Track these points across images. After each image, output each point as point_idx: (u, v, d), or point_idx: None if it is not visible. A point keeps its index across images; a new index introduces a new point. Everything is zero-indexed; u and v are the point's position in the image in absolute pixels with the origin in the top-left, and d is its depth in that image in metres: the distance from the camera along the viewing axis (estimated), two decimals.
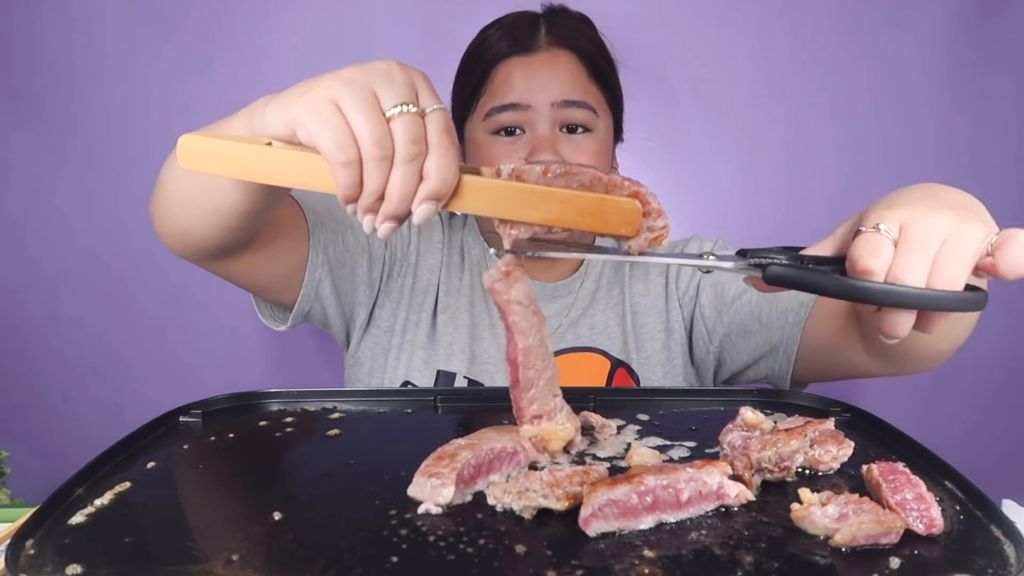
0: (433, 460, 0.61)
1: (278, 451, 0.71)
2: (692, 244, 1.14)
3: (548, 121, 1.03)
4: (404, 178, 0.55)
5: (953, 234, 0.56)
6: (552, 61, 1.06)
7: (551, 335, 1.09)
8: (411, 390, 0.83)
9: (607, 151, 1.09)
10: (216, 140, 0.59)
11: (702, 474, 0.57)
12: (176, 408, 0.77)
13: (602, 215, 0.57)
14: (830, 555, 0.51)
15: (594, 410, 0.77)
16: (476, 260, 1.15)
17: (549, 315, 1.11)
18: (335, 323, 1.09)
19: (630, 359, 1.09)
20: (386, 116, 0.55)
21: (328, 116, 0.55)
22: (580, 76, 1.06)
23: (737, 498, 0.58)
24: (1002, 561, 0.50)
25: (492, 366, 1.08)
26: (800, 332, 1.00)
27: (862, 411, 0.78)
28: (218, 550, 0.51)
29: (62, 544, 0.52)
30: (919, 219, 0.57)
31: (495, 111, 1.04)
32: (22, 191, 1.55)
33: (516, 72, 1.05)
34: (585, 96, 1.05)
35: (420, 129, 0.56)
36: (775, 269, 0.59)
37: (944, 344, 0.84)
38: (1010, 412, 1.61)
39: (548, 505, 0.56)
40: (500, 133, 1.05)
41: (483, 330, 1.10)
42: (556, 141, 1.03)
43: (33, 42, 1.51)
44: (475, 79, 1.08)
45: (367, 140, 0.54)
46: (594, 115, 1.06)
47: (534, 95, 1.03)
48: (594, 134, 1.06)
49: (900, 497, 0.55)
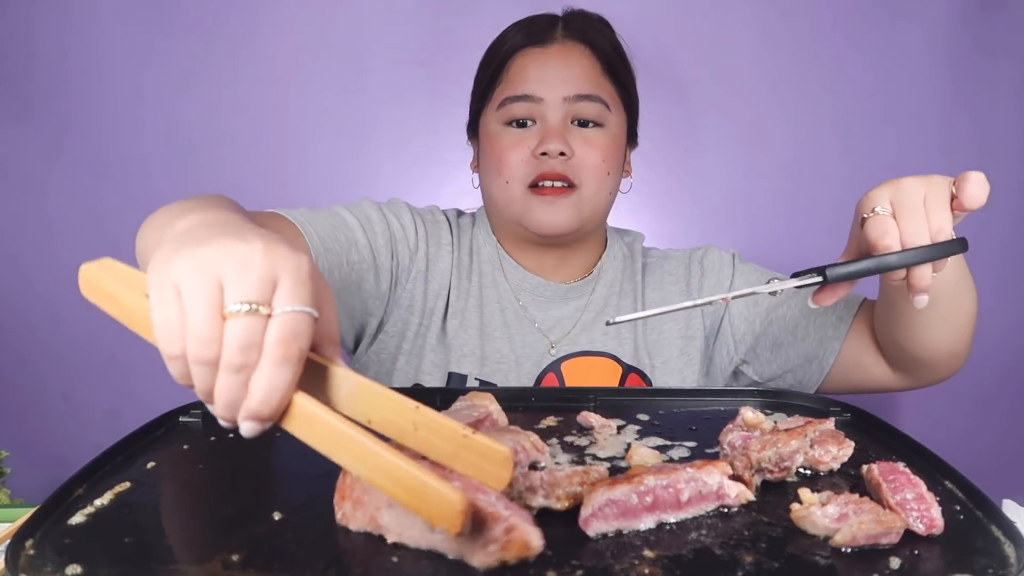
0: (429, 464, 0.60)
1: (278, 451, 0.71)
2: (711, 255, 1.14)
3: (559, 114, 1.04)
4: (226, 387, 0.48)
5: (927, 189, 0.72)
6: (566, 54, 1.06)
7: (564, 337, 1.09)
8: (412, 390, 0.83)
9: (619, 149, 1.08)
10: (107, 278, 0.53)
11: (702, 474, 0.57)
12: (176, 408, 0.77)
13: (423, 499, 0.45)
14: (830, 555, 0.51)
15: (594, 410, 0.77)
16: (487, 259, 1.13)
17: (562, 316, 1.11)
18: (346, 334, 1.09)
19: (642, 364, 1.08)
20: (224, 313, 0.47)
21: (166, 300, 0.48)
22: (594, 70, 1.06)
23: (737, 498, 0.58)
24: (1002, 561, 0.50)
25: (505, 366, 1.07)
26: (840, 345, 1.03)
27: (862, 411, 0.78)
28: (218, 550, 0.51)
29: (62, 544, 0.52)
30: (901, 190, 0.73)
31: (508, 101, 1.05)
32: (20, 190, 1.55)
33: (530, 64, 1.06)
34: (598, 90, 1.05)
35: (257, 335, 0.47)
36: (836, 270, 0.70)
37: (946, 343, 0.92)
38: (1010, 412, 1.61)
39: (548, 505, 0.56)
40: (512, 124, 1.05)
41: (494, 330, 1.09)
42: (567, 133, 1.03)
43: (27, 41, 1.51)
44: (491, 70, 1.09)
45: (191, 339, 0.47)
46: (606, 110, 1.06)
47: (546, 88, 1.04)
48: (605, 129, 1.06)
49: (900, 497, 0.55)
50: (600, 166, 1.04)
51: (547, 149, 1.01)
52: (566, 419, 0.77)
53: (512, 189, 1.05)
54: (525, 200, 1.04)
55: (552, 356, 1.08)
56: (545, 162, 1.02)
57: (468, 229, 1.16)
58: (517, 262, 1.13)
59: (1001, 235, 1.56)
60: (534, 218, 1.04)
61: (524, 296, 1.12)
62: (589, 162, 1.03)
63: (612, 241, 1.18)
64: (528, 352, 1.08)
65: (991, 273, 1.52)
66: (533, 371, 1.07)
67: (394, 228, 1.08)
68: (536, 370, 1.08)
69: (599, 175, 1.04)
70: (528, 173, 1.03)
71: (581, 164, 1.03)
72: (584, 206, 1.05)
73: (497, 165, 1.05)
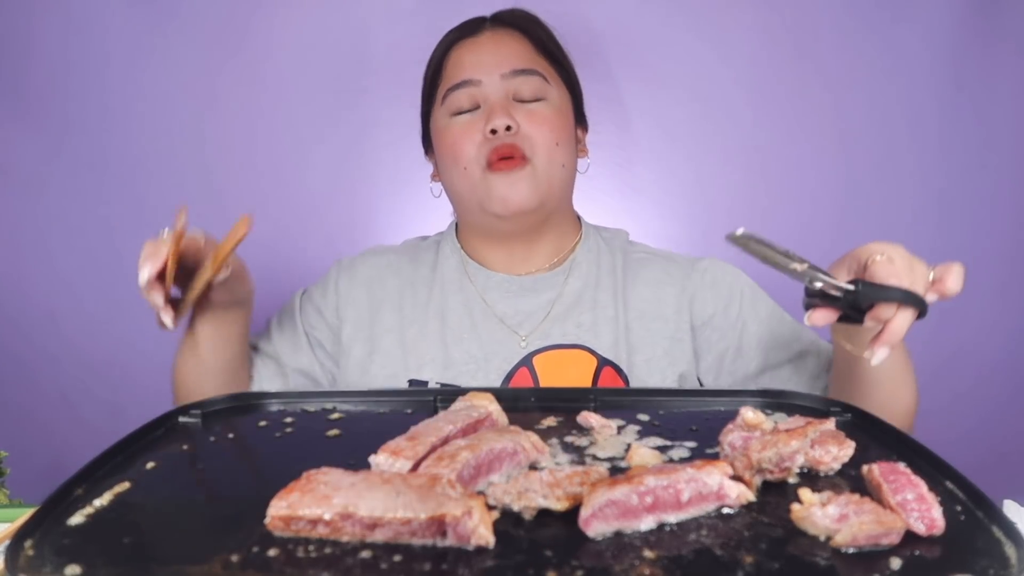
0: (433, 460, 0.61)
1: (278, 451, 0.71)
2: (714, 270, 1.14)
3: (500, 92, 1.08)
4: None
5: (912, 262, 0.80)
6: (497, 39, 1.12)
7: (534, 330, 1.10)
8: (411, 390, 0.83)
9: (565, 123, 1.11)
10: None
11: (702, 475, 0.57)
12: (176, 408, 0.77)
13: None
14: (831, 556, 0.51)
15: (594, 410, 0.77)
16: (453, 268, 1.16)
17: (529, 309, 1.11)
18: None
19: (619, 359, 1.08)
20: None
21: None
22: (526, 49, 1.11)
23: (738, 499, 0.58)
24: (1003, 562, 0.50)
25: (473, 366, 1.08)
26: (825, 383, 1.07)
27: (862, 411, 0.78)
28: (218, 550, 0.51)
29: (61, 544, 0.52)
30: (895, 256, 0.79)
31: (449, 92, 1.10)
32: (20, 190, 1.55)
33: (464, 53, 1.11)
34: (533, 64, 1.10)
35: None
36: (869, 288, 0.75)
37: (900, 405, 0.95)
38: (1010, 412, 1.61)
39: (548, 505, 0.56)
40: (460, 114, 1.09)
41: (462, 332, 1.10)
42: (511, 107, 1.07)
43: (30, 41, 1.51)
44: (432, 70, 1.15)
45: None
46: (545, 83, 1.09)
47: (482, 70, 1.08)
48: (547, 102, 1.09)
49: (901, 497, 0.55)
50: (548, 136, 1.07)
51: (494, 126, 1.05)
52: (566, 419, 0.77)
53: (471, 174, 1.08)
54: (485, 183, 1.07)
55: (523, 350, 1.09)
56: (495, 139, 1.05)
57: (432, 247, 1.21)
58: (482, 264, 1.15)
59: (1001, 235, 1.56)
60: (497, 197, 1.06)
61: (490, 294, 1.13)
62: (536, 134, 1.06)
63: (588, 235, 1.19)
64: (497, 348, 1.09)
65: (991, 273, 1.52)
66: (503, 367, 1.08)
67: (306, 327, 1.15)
68: (506, 366, 1.08)
69: (549, 146, 1.07)
70: (482, 154, 1.06)
71: (529, 137, 1.06)
72: (539, 179, 1.07)
73: (452, 154, 1.09)
